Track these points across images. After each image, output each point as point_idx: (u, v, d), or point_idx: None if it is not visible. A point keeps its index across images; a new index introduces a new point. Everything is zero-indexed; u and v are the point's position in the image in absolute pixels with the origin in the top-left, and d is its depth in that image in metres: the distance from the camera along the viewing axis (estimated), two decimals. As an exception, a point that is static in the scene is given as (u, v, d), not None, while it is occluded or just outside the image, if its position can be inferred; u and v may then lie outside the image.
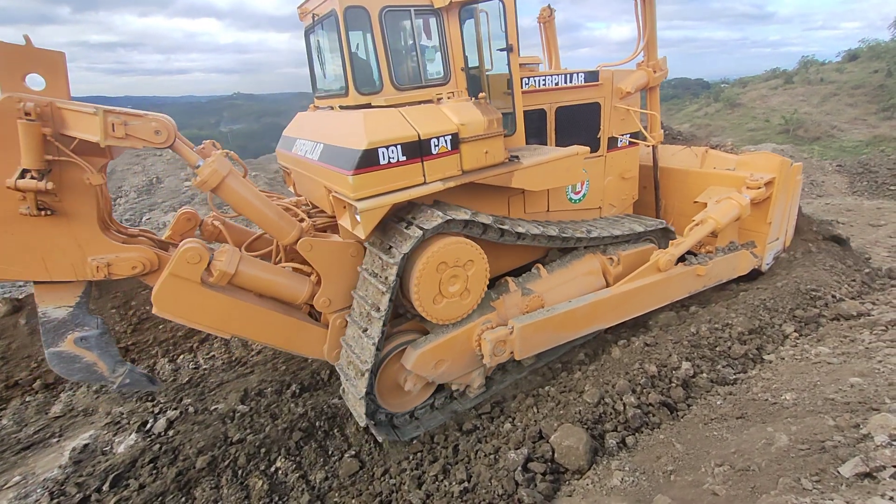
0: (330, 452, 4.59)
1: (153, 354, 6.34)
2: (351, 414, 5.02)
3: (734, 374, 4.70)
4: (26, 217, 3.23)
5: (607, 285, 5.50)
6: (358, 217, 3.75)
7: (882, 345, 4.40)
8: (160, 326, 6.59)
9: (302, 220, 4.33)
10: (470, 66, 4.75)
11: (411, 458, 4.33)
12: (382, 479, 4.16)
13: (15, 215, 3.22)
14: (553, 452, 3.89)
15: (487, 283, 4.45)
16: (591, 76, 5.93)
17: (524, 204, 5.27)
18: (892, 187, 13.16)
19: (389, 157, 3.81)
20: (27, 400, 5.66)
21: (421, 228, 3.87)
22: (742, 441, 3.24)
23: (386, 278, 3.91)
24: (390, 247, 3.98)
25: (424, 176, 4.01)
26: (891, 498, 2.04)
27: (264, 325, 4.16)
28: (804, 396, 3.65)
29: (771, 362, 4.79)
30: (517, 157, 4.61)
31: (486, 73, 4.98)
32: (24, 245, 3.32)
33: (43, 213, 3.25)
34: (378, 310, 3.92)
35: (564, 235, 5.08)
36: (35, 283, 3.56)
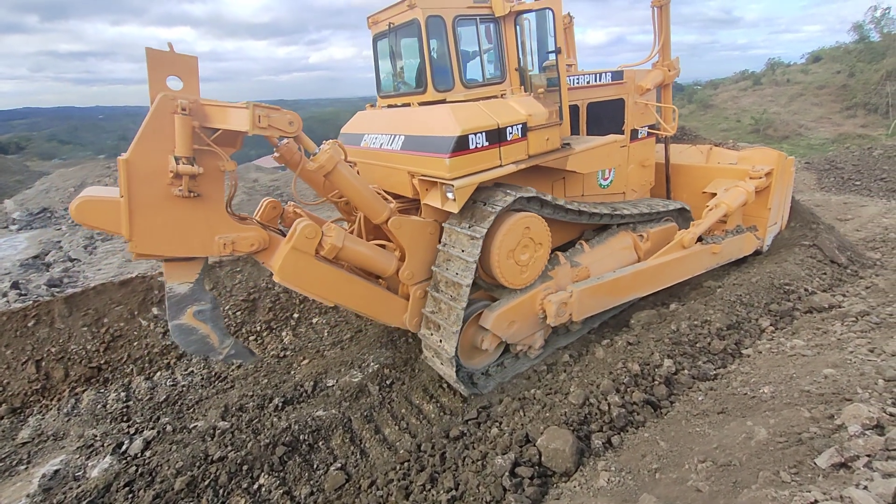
0: (315, 466, 4.49)
1: (128, 372, 6.12)
2: (336, 426, 4.95)
3: (714, 369, 4.78)
4: (177, 199, 3.70)
5: (638, 260, 6.27)
6: (450, 195, 4.46)
7: (853, 335, 4.54)
8: (134, 344, 6.39)
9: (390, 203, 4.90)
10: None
11: (398, 468, 4.26)
12: (369, 490, 4.08)
13: (168, 197, 3.67)
14: (540, 456, 3.88)
15: (549, 252, 5.21)
16: (617, 75, 6.74)
17: (564, 188, 6.04)
18: (857, 182, 13.71)
19: (476, 143, 4.52)
20: (-8, 426, 5.40)
21: (498, 205, 4.56)
22: (723, 436, 3.29)
23: (472, 251, 4.53)
24: (471, 224, 4.65)
25: (500, 159, 4.73)
26: (865, 487, 2.09)
27: (360, 294, 4.77)
28: (781, 389, 3.73)
29: (749, 356, 4.90)
30: (568, 144, 5.39)
31: (529, 73, 5.64)
32: (171, 223, 3.77)
33: (191, 194, 3.72)
34: (465, 278, 4.51)
35: (615, 213, 5.95)
36: (165, 260, 3.98)
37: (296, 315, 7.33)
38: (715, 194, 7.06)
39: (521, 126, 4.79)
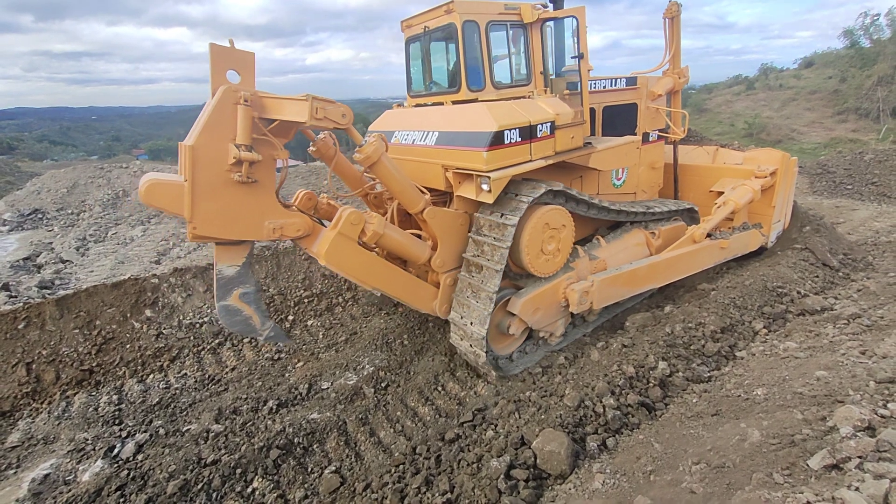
0: (309, 469, 4.47)
1: (120, 375, 6.06)
2: (330, 428, 4.92)
3: (708, 371, 4.81)
4: (234, 184, 3.91)
5: (650, 255, 6.50)
6: (485, 186, 4.78)
7: (845, 338, 4.58)
8: (127, 346, 6.33)
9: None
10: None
11: (393, 471, 4.25)
12: (364, 493, 4.06)
13: (227, 182, 3.88)
14: (535, 458, 3.87)
15: (573, 243, 5.56)
16: (631, 81, 7.15)
17: (581, 186, 6.30)
18: (849, 186, 13.86)
19: (511, 138, 4.85)
20: (-19, 430, 5.32)
21: (530, 196, 4.93)
22: (717, 438, 3.31)
23: (504, 239, 4.86)
24: (502, 214, 4.98)
25: (531, 154, 5.08)
26: (857, 489, 2.11)
27: (395, 280, 5.06)
28: (774, 391, 3.76)
29: (743, 359, 4.93)
30: (590, 143, 5.82)
31: (550, 76, 6.07)
32: (228, 207, 3.97)
33: (249, 180, 3.93)
34: (498, 264, 4.84)
35: (633, 210, 6.31)
36: (217, 243, 4.17)
37: (290, 317, 7.30)
38: (722, 193, 7.35)
39: (549, 124, 5.16)
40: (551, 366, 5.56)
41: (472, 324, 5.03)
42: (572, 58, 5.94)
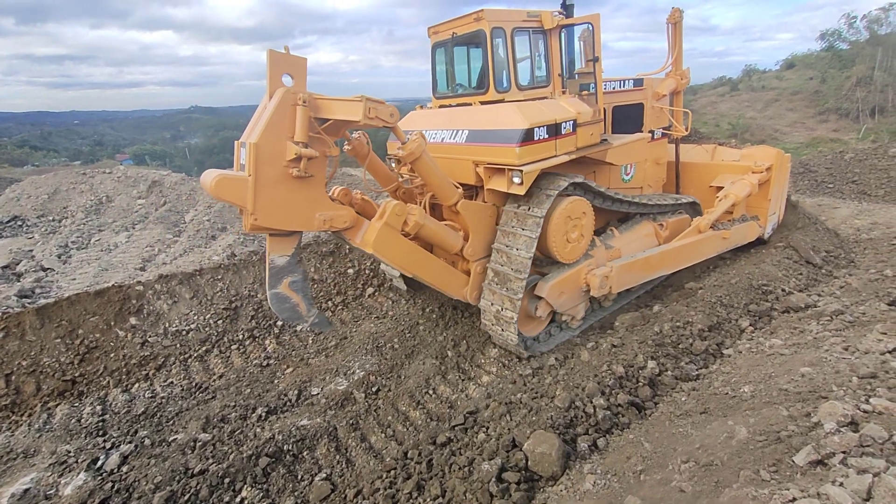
0: (299, 477, 4.41)
1: (104, 385, 5.93)
2: (321, 435, 4.87)
3: (696, 370, 4.86)
4: (291, 179, 4.17)
5: (658, 245, 6.96)
6: (516, 179, 5.18)
7: (828, 334, 4.66)
8: (111, 355, 6.19)
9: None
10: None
11: (384, 476, 4.20)
12: (355, 500, 4.01)
13: (285, 176, 4.14)
14: (527, 460, 3.87)
15: (593, 231, 6.02)
16: (638, 82, 7.60)
17: (594, 180, 6.57)
18: (830, 185, 14.14)
19: (539, 135, 5.27)
20: (-42, 444, 5.15)
21: (556, 189, 5.39)
22: (706, 436, 3.33)
23: (533, 228, 5.30)
24: (530, 206, 5.42)
25: (556, 150, 5.50)
26: (841, 484, 2.13)
27: (432, 267, 5.45)
28: (760, 388, 3.80)
29: (730, 356, 4.98)
30: (606, 139, 6.26)
31: (566, 78, 6.47)
32: (284, 200, 4.22)
33: (306, 175, 4.19)
34: (528, 251, 5.27)
35: (644, 202, 6.79)
36: (270, 235, 4.41)
37: (279, 323, 7.22)
38: (721, 187, 7.78)
39: (572, 122, 5.61)
40: (542, 367, 5.57)
41: (503, 309, 5.43)
42: (588, 60, 6.41)
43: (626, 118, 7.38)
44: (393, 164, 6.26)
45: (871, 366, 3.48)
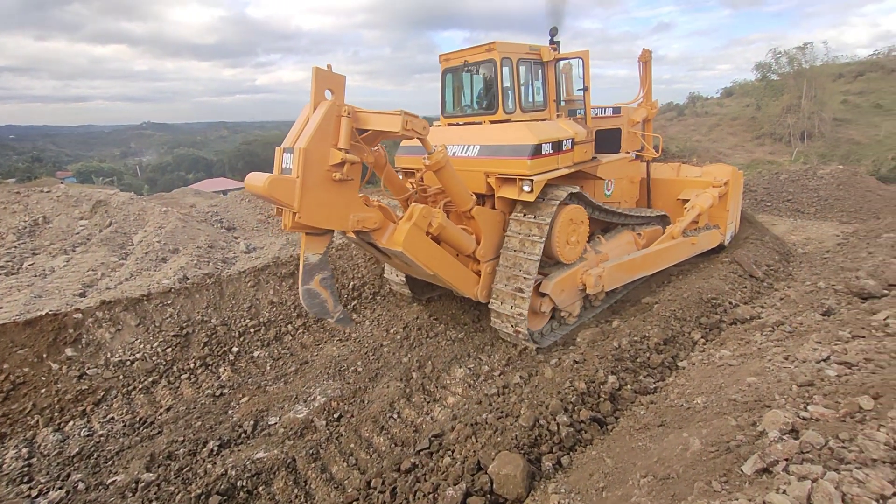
0: (253, 515, 4.13)
1: (32, 425, 5.37)
2: (278, 467, 4.62)
3: (654, 383, 5.00)
4: (333, 182, 4.55)
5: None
6: (526, 188, 5.97)
7: (771, 344, 4.95)
8: (42, 391, 5.65)
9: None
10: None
11: (346, 509, 4.02)
12: (314, 537, 3.80)
13: (327, 179, 4.52)
14: (492, 483, 3.81)
15: (588, 236, 6.88)
16: (616, 110, 8.93)
17: None
18: (768, 204, 15.28)
19: (546, 150, 6.16)
20: None
21: (558, 198, 6.20)
22: (663, 449, 3.41)
23: (540, 233, 6.03)
24: (536, 214, 6.18)
25: (558, 164, 6.41)
26: (784, 491, 2.23)
27: (450, 267, 5.96)
28: (712, 399, 3.96)
29: (684, 368, 5.18)
30: (596, 157, 7.39)
31: (559, 103, 7.39)
32: (325, 201, 4.57)
33: (347, 178, 4.59)
34: (535, 255, 5.97)
35: (631, 214, 7.90)
36: (307, 233, 4.72)
37: (234, 349, 6.87)
38: (687, 200, 8.91)
39: (570, 140, 6.58)
40: (507, 385, 5.57)
41: (513, 307, 6.06)
42: (579, 90, 7.45)
43: (606, 141, 8.26)
44: (401, 176, 6.93)
45: (808, 374, 3.70)
